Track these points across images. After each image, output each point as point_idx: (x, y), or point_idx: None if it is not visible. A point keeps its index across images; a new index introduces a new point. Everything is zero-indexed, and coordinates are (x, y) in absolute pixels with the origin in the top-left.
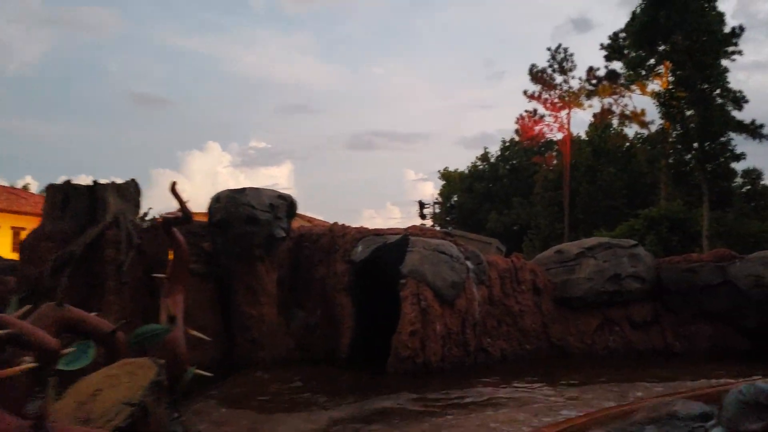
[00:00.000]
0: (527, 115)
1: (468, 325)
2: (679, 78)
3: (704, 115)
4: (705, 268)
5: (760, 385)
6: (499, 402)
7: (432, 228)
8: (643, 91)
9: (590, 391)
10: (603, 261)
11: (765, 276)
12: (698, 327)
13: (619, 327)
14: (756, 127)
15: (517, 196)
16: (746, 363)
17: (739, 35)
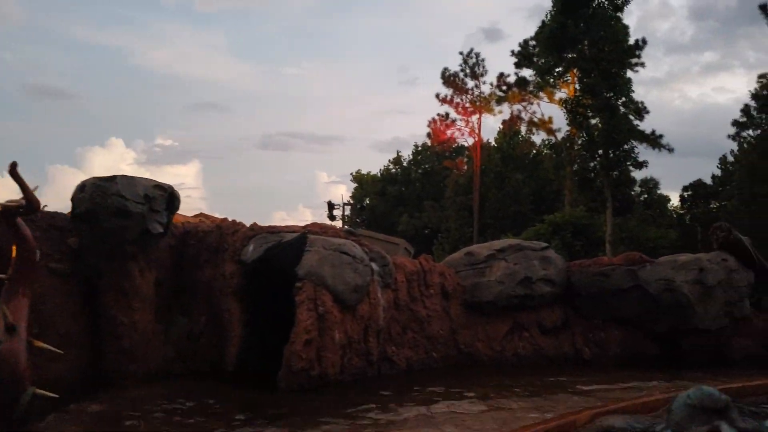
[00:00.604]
0: (439, 119)
1: (371, 333)
2: (586, 86)
3: (609, 123)
4: (616, 272)
5: (707, 390)
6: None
7: (334, 227)
8: (550, 99)
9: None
10: (514, 263)
11: (675, 280)
12: (608, 332)
13: (529, 332)
14: (656, 137)
15: (429, 200)
16: (657, 369)
17: (642, 48)
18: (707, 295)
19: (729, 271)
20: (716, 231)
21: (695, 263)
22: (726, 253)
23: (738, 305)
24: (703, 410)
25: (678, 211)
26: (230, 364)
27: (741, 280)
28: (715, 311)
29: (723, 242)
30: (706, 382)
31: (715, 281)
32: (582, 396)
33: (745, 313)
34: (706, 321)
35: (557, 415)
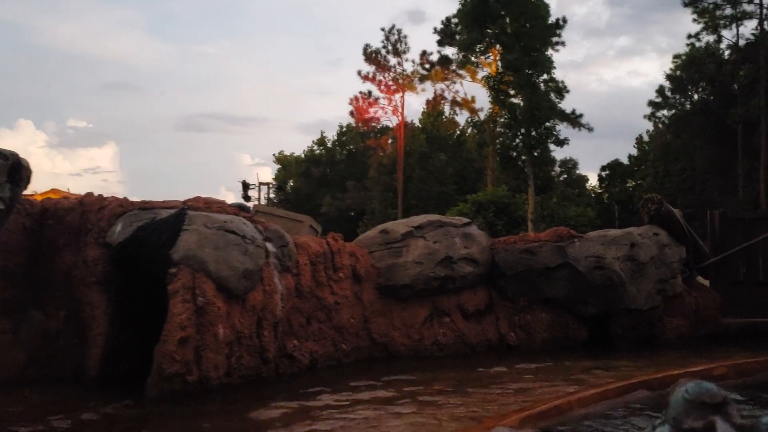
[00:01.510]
0: (361, 97)
1: (266, 325)
2: (508, 62)
3: (531, 100)
4: (543, 249)
5: (705, 385)
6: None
7: (222, 201)
8: (473, 78)
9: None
10: (434, 242)
11: (606, 257)
12: (535, 315)
13: (450, 318)
14: (576, 117)
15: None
16: (588, 354)
17: (562, 27)
18: (639, 273)
19: (661, 246)
20: (647, 203)
21: (626, 238)
22: (657, 227)
23: (671, 283)
24: (700, 405)
25: (596, 190)
26: (93, 369)
27: (673, 255)
28: (648, 290)
29: (654, 215)
30: (644, 370)
31: (648, 257)
32: (510, 390)
33: (677, 291)
34: (639, 300)
35: (479, 425)
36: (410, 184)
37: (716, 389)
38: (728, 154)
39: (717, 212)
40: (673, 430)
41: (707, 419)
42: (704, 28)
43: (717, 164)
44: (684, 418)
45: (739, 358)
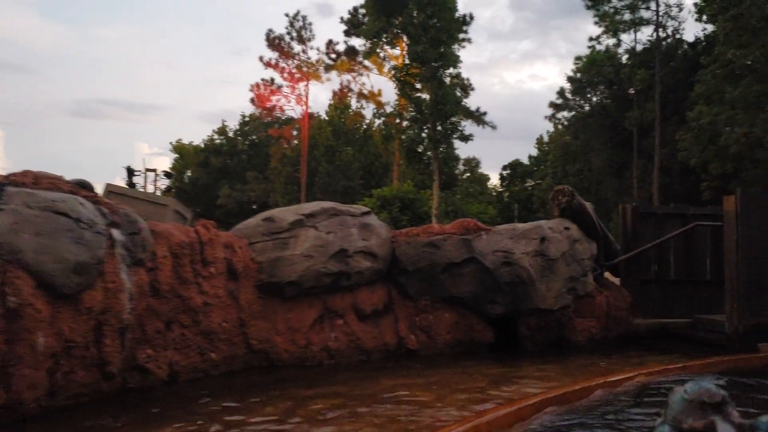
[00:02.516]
0: (263, 84)
1: (108, 332)
2: (415, 54)
3: (437, 94)
4: (448, 243)
5: (704, 385)
6: None
7: (55, 176)
8: (380, 71)
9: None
10: (327, 232)
11: (514, 251)
12: (438, 315)
13: (343, 320)
14: (481, 114)
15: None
16: (494, 359)
17: (469, 23)
18: (549, 270)
19: (572, 241)
20: (558, 195)
21: (536, 231)
22: (568, 221)
23: (582, 281)
24: (700, 405)
25: (497, 189)
26: None
27: (584, 251)
28: (558, 288)
29: (565, 208)
30: (556, 380)
31: (558, 253)
32: (403, 409)
33: (588, 289)
34: (548, 299)
35: None
36: (316, 178)
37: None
38: (624, 156)
39: (629, 206)
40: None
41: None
42: (605, 32)
43: (613, 165)
44: (684, 418)
45: (653, 363)
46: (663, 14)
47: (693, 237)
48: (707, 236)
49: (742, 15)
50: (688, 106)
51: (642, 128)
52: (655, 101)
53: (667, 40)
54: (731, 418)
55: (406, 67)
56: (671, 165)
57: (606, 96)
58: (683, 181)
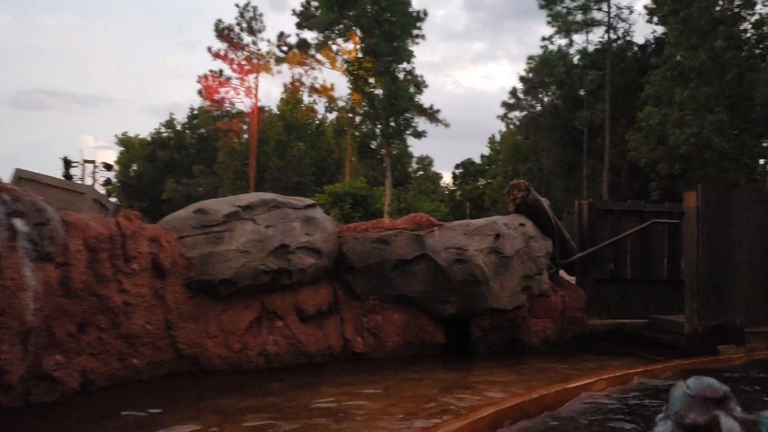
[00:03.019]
0: (211, 75)
1: (6, 337)
2: (368, 47)
3: (390, 89)
4: (399, 238)
5: (706, 380)
6: None
7: None
8: (333, 65)
9: None
10: (266, 226)
11: (468, 248)
12: (387, 316)
13: (283, 321)
14: (434, 112)
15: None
16: (446, 363)
17: (423, 20)
18: (504, 268)
19: (527, 238)
20: (513, 190)
21: (491, 227)
22: (524, 217)
23: (537, 279)
24: (702, 400)
25: (450, 187)
26: None
27: (540, 248)
28: (512, 287)
29: (521, 203)
30: (511, 388)
31: (513, 250)
32: (349, 426)
33: (543, 289)
34: (502, 299)
35: None
36: (266, 173)
37: (717, 384)
38: (574, 156)
39: (586, 203)
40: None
41: (710, 414)
42: (557, 32)
43: (563, 165)
44: (686, 414)
45: (611, 367)
46: (614, 16)
47: (650, 235)
48: (665, 234)
49: (691, 17)
50: (637, 107)
51: (592, 128)
52: (605, 102)
53: (618, 41)
54: (734, 413)
55: (358, 61)
56: (620, 165)
57: (557, 96)
58: (632, 181)
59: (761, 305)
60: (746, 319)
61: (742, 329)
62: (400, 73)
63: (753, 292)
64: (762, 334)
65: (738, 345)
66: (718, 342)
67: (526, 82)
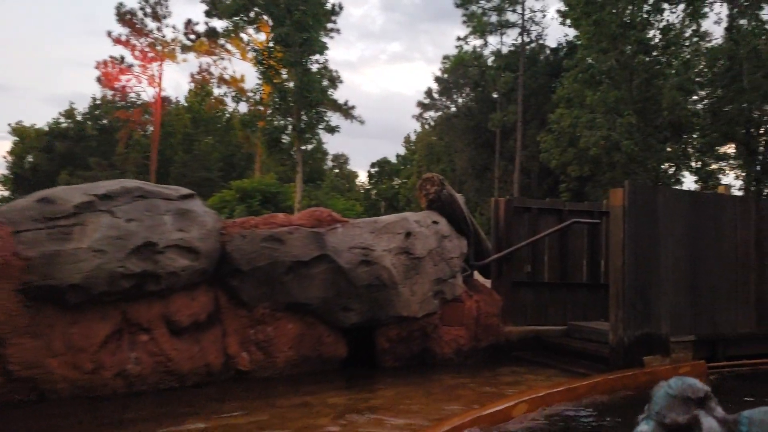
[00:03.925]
0: (111, 62)
1: None
2: (278, 36)
3: (302, 80)
4: (295, 237)
5: (688, 380)
6: None
7: None
8: (243, 56)
9: None
10: (127, 219)
11: (375, 248)
12: (279, 327)
13: (150, 335)
14: (349, 108)
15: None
16: (344, 382)
17: (338, 14)
18: (414, 270)
19: (441, 237)
20: (426, 184)
21: (401, 225)
22: (437, 214)
23: (450, 283)
24: (683, 400)
25: (365, 186)
26: None
27: (454, 249)
28: (424, 292)
29: (434, 199)
30: (417, 414)
31: (425, 251)
32: None
33: (457, 293)
34: (412, 305)
35: None
36: (172, 168)
37: (699, 384)
38: (486, 157)
39: (503, 200)
40: (657, 425)
41: (691, 414)
42: (472, 32)
43: (475, 166)
44: (667, 413)
45: (530, 381)
46: (528, 19)
47: (569, 235)
48: (584, 235)
49: (603, 20)
50: (549, 109)
51: (504, 130)
52: (517, 104)
53: (531, 44)
54: (715, 413)
55: (268, 51)
56: (531, 167)
57: (471, 98)
58: (542, 183)
59: (686, 312)
60: (672, 328)
61: (668, 339)
62: (313, 65)
63: (678, 299)
64: (686, 344)
65: (663, 356)
66: (644, 352)
67: (441, 82)
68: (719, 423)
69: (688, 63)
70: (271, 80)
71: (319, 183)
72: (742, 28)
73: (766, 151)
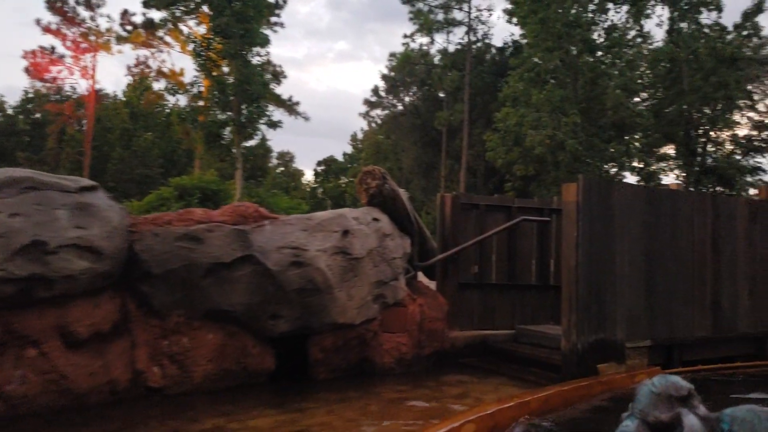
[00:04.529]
0: (41, 52)
1: None
2: (217, 27)
3: (242, 73)
4: (216, 235)
5: (672, 378)
6: None
7: None
8: (183, 48)
9: None
10: (10, 214)
11: (308, 248)
12: (197, 338)
13: (38, 349)
14: (293, 104)
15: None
16: (271, 400)
17: (282, 7)
18: (352, 272)
19: (382, 236)
20: (366, 178)
21: (338, 223)
22: (378, 210)
23: (392, 286)
24: (667, 398)
25: (312, 185)
26: None
27: (396, 249)
28: (363, 296)
29: (375, 194)
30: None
31: (364, 251)
32: None
33: (399, 297)
34: (350, 311)
35: None
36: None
37: (682, 382)
38: (433, 156)
39: (449, 196)
40: (640, 422)
41: (674, 411)
42: (419, 30)
43: (422, 165)
44: (651, 411)
45: (478, 393)
46: (474, 18)
47: (518, 234)
48: (534, 233)
49: (549, 19)
50: (495, 108)
51: (451, 129)
52: (464, 102)
53: (478, 43)
54: (697, 411)
55: (207, 41)
56: (477, 165)
57: (418, 96)
58: (487, 182)
59: (642, 316)
60: (627, 333)
61: (623, 344)
62: (254, 58)
63: (634, 301)
64: (642, 350)
65: (619, 363)
66: (598, 360)
67: (387, 80)
68: (702, 421)
69: (631, 64)
70: (210, 72)
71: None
72: (682, 31)
73: (705, 152)
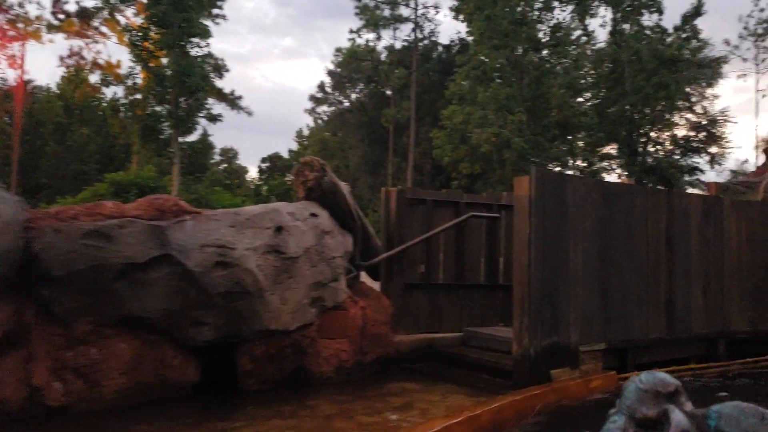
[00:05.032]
0: None
1: None
2: (155, 16)
3: (180, 64)
4: (128, 231)
5: (659, 374)
6: None
7: None
8: (120, 40)
9: None
10: None
11: (236, 246)
12: (108, 348)
13: None
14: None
15: None
16: (195, 416)
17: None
18: (287, 273)
19: (321, 233)
20: (304, 170)
21: (270, 218)
22: (317, 205)
23: (331, 288)
24: (654, 394)
25: (256, 182)
26: None
27: (336, 247)
28: (298, 299)
29: (313, 187)
30: None
31: (301, 249)
32: None
33: (340, 299)
34: (284, 316)
35: None
36: (42, 160)
37: (669, 378)
38: (380, 154)
39: (394, 190)
40: (627, 419)
41: (661, 408)
42: (365, 25)
43: (369, 162)
44: (638, 407)
45: (424, 403)
46: (421, 15)
47: (466, 231)
48: (482, 231)
49: (495, 16)
50: (442, 106)
51: (398, 126)
52: (411, 100)
53: (424, 41)
54: (684, 407)
55: (144, 31)
56: (424, 163)
57: (364, 93)
58: (434, 180)
59: (597, 317)
60: (581, 336)
61: (577, 348)
62: (193, 49)
63: (587, 301)
64: (596, 353)
65: (573, 368)
66: (552, 365)
67: (334, 76)
68: (688, 417)
69: (575, 63)
70: (147, 64)
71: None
72: (624, 32)
73: (646, 151)
